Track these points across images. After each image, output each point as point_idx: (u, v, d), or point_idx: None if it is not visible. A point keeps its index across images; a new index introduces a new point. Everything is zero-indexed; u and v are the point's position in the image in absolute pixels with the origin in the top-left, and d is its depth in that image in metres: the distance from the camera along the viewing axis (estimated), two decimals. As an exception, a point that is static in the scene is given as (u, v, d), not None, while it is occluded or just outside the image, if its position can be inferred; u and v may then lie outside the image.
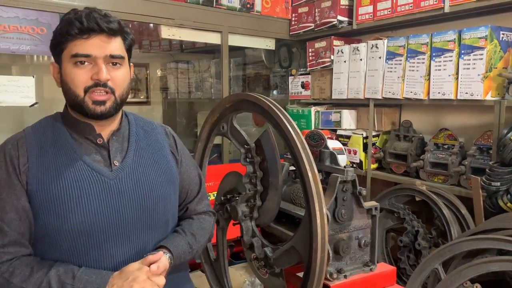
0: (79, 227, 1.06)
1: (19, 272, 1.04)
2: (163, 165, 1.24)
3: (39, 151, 1.09)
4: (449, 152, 3.05)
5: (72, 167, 1.09)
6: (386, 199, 3.27)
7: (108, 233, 1.09)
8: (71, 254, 1.08)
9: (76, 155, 1.10)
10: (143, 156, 1.20)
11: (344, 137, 3.71)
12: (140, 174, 1.16)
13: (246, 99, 1.57)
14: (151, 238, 1.17)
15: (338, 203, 1.40)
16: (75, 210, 1.06)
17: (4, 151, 1.10)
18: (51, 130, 1.14)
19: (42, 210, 1.06)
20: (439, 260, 2.20)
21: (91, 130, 1.14)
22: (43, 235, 1.08)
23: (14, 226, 1.06)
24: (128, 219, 1.12)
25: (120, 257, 1.11)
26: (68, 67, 1.09)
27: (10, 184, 1.07)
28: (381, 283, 1.46)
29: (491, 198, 2.58)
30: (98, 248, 1.09)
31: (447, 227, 2.81)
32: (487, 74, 2.69)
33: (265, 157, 1.56)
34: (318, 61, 3.90)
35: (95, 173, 1.10)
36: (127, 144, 1.19)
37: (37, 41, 2.87)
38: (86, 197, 1.07)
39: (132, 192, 1.13)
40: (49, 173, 1.07)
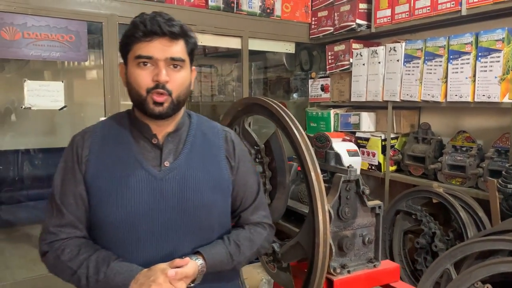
0: (119, 221, 1.12)
1: (68, 251, 1.12)
2: (214, 171, 1.23)
3: (101, 145, 1.17)
4: (467, 155, 3.05)
5: (125, 163, 1.15)
6: (403, 201, 3.28)
7: (146, 231, 1.13)
8: (112, 245, 1.14)
9: (131, 152, 1.16)
10: (195, 159, 1.21)
11: (363, 139, 3.74)
12: (188, 177, 1.18)
13: (256, 102, 1.66)
14: (189, 242, 1.18)
15: (341, 201, 1.46)
16: (118, 205, 1.12)
17: (73, 141, 1.20)
18: (117, 126, 1.21)
19: (92, 201, 1.15)
20: (450, 261, 2.22)
21: (147, 129, 1.18)
22: (93, 223, 1.17)
23: (71, 209, 1.15)
24: (168, 220, 1.14)
25: (155, 256, 1.14)
26: (132, 68, 1.14)
27: (72, 171, 1.16)
28: (384, 279, 1.51)
29: (507, 200, 2.57)
30: (136, 243, 1.13)
31: (463, 229, 2.82)
32: (504, 77, 2.69)
33: (274, 158, 1.64)
34: (337, 64, 3.95)
35: (144, 172, 1.15)
36: (182, 146, 1.21)
37: (66, 48, 3.04)
38: (131, 193, 1.12)
39: (176, 194, 1.15)
40: (103, 167, 1.14)
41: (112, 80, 3.23)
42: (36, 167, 4.82)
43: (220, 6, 3.62)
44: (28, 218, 4.68)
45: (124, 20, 3.23)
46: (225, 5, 3.64)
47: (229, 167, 1.27)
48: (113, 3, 3.17)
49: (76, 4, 3.04)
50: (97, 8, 3.12)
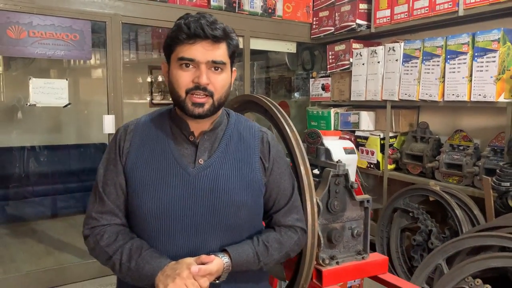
0: (151, 213, 1.16)
1: (106, 236, 1.18)
2: (247, 171, 1.24)
3: (141, 139, 1.22)
4: (464, 153, 3.09)
5: (162, 157, 1.19)
6: (401, 199, 3.33)
7: (176, 224, 1.17)
8: (144, 234, 1.20)
9: (168, 147, 1.20)
10: (229, 159, 1.23)
11: (362, 138, 3.79)
12: (220, 176, 1.20)
13: (251, 100, 1.71)
14: (218, 240, 1.20)
15: (331, 195, 1.52)
16: (151, 196, 1.16)
17: (117, 133, 1.26)
18: (158, 122, 1.25)
19: (130, 190, 1.20)
20: (443, 256, 2.26)
21: (186, 127, 1.22)
22: (129, 213, 1.23)
23: (111, 198, 1.20)
24: (198, 217, 1.17)
25: (185, 249, 1.17)
26: (174, 69, 1.17)
27: (114, 162, 1.21)
28: (372, 271, 1.56)
29: (501, 198, 2.61)
30: (166, 235, 1.17)
31: (459, 227, 2.86)
32: (500, 76, 2.73)
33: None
34: (338, 63, 4.00)
35: (179, 167, 1.18)
36: (217, 145, 1.23)
37: (71, 46, 3.11)
38: (165, 187, 1.16)
39: (207, 191, 1.18)
40: (142, 159, 1.19)
41: (115, 79, 3.29)
42: (42, 164, 4.91)
43: (222, 6, 3.69)
44: (33, 214, 4.78)
45: (127, 20, 3.31)
46: (227, 5, 3.70)
47: (263, 168, 1.28)
48: (117, 2, 3.24)
49: (81, 3, 3.11)
50: (101, 7, 3.19)
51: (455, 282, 2.09)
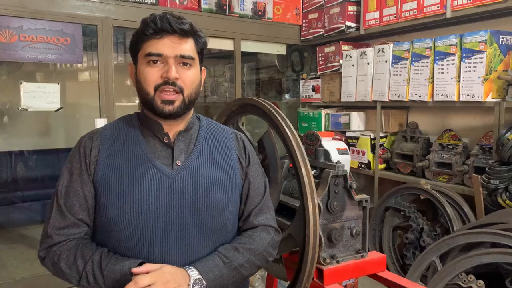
0: (132, 220, 1.09)
1: (64, 256, 1.10)
2: (226, 170, 1.22)
3: (111, 145, 1.15)
4: (453, 152, 3.15)
5: (136, 162, 1.13)
6: (392, 198, 3.38)
7: (159, 230, 1.11)
8: (123, 245, 1.12)
9: (142, 151, 1.15)
10: (207, 159, 1.20)
11: (353, 138, 3.83)
12: (200, 177, 1.16)
13: (249, 103, 1.73)
14: (204, 242, 1.16)
15: (330, 195, 1.55)
16: (131, 203, 1.10)
17: (80, 142, 1.18)
18: (126, 126, 1.20)
19: (103, 200, 1.12)
20: (436, 253, 2.31)
21: (159, 128, 1.17)
22: (103, 224, 1.13)
23: (73, 211, 1.13)
24: (182, 220, 1.12)
25: (169, 256, 1.12)
26: (142, 66, 1.13)
27: (79, 172, 1.14)
28: (371, 269, 1.60)
29: (491, 195, 2.67)
30: (148, 243, 1.11)
31: (450, 224, 2.92)
32: (487, 77, 2.79)
33: (267, 155, 1.71)
34: (327, 65, 4.04)
35: (156, 170, 1.13)
36: (193, 146, 1.20)
37: (62, 50, 3.09)
38: (143, 191, 1.10)
39: (189, 193, 1.14)
40: (114, 165, 1.13)
41: (107, 82, 3.28)
42: (31, 169, 4.85)
43: (213, 9, 3.70)
44: (22, 219, 4.71)
45: (118, 23, 3.30)
46: (217, 8, 3.72)
47: (240, 167, 1.26)
48: (108, 6, 3.23)
49: (71, 7, 3.09)
50: (91, 11, 3.18)
51: (449, 279, 2.14)
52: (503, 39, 2.81)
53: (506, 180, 2.58)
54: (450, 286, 2.15)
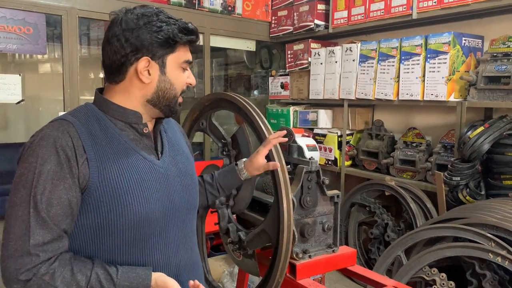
0: (143, 215, 1.08)
1: (59, 274, 0.99)
2: (188, 153, 1.30)
3: (93, 141, 1.07)
4: (416, 150, 3.25)
5: (128, 158, 1.10)
6: (358, 194, 3.46)
7: (163, 219, 1.13)
8: (130, 244, 1.08)
9: (128, 145, 1.12)
10: (174, 145, 1.25)
11: (320, 135, 3.89)
12: (178, 163, 1.22)
13: (223, 98, 1.72)
14: (190, 224, 1.24)
15: (303, 191, 1.56)
16: (139, 199, 1.08)
17: (53, 140, 1.03)
18: (95, 119, 1.11)
19: (106, 202, 1.05)
20: (401, 248, 2.39)
21: (139, 119, 1.15)
22: (103, 227, 1.06)
23: (58, 221, 1.01)
24: (177, 205, 1.17)
25: (171, 243, 1.16)
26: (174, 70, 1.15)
27: (60, 177, 1.01)
28: (342, 263, 1.63)
29: (453, 192, 2.78)
30: (155, 235, 1.12)
31: (413, 220, 3.01)
32: (450, 77, 2.90)
33: (240, 151, 1.71)
34: (296, 62, 4.07)
35: (148, 163, 1.13)
36: (161, 134, 1.24)
37: (24, 40, 2.97)
38: (146, 186, 1.10)
39: (177, 179, 1.19)
40: (108, 164, 1.06)
41: (72, 74, 3.18)
42: (-13, 163, 4.64)
43: (182, 2, 3.65)
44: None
45: (84, 14, 3.20)
46: (186, 1, 3.67)
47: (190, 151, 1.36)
48: (73, -4, 3.13)
49: (35, -5, 2.98)
50: (56, 0, 3.07)
51: (413, 272, 2.21)
52: (466, 41, 2.93)
53: (467, 177, 2.69)
54: (415, 279, 2.22)
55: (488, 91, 2.71)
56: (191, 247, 1.23)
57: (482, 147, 2.56)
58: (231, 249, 1.75)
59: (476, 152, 2.58)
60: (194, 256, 1.25)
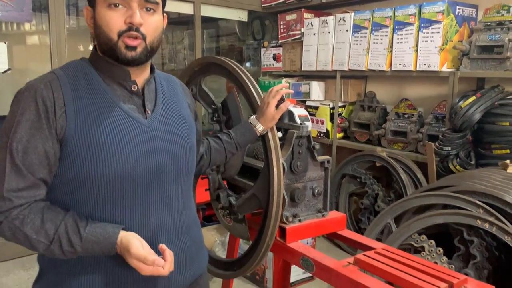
0: (120, 173, 1.05)
1: (29, 220, 1.01)
2: (186, 116, 1.24)
3: (74, 94, 1.05)
4: (408, 121, 3.26)
5: (110, 113, 1.07)
6: (349, 165, 3.47)
7: (144, 180, 1.09)
8: (107, 200, 1.06)
9: (112, 101, 1.08)
10: (169, 106, 1.19)
11: (313, 107, 3.87)
12: (170, 124, 1.17)
13: (213, 62, 1.69)
14: (179, 189, 1.19)
15: (294, 156, 1.56)
16: (116, 156, 1.05)
17: (35, 92, 1.03)
18: (83, 74, 1.10)
19: (81, 155, 1.03)
20: (391, 216, 2.41)
21: (126, 75, 1.11)
22: (79, 181, 1.05)
23: (33, 169, 1.02)
24: (162, 167, 1.12)
25: (153, 204, 1.11)
26: (102, 10, 1.06)
27: (38, 126, 1.02)
28: (332, 227, 1.64)
29: (443, 162, 2.80)
30: (133, 194, 1.08)
31: (404, 190, 3.04)
32: (444, 47, 2.88)
33: (231, 116, 1.69)
34: (289, 33, 4.02)
35: (132, 120, 1.09)
36: (155, 94, 1.18)
37: (8, 7, 2.89)
38: (126, 143, 1.07)
39: (165, 140, 1.14)
40: (87, 117, 1.05)
41: (60, 46, 3.12)
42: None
43: (172, -30, 3.56)
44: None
45: (71, -20, 3.12)
46: (177, -31, 3.59)
47: (192, 114, 1.29)
48: (59, -39, 3.04)
49: (19, -40, 2.88)
50: (42, -34, 2.98)
51: (402, 239, 2.24)
52: (460, 10, 2.89)
53: (458, 146, 2.70)
54: (404, 246, 2.25)
55: (481, 61, 2.70)
56: (179, 210, 1.18)
57: (474, 116, 2.57)
58: (221, 214, 1.75)
59: (467, 121, 2.58)
60: (185, 220, 1.21)
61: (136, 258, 1.01)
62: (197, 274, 1.25)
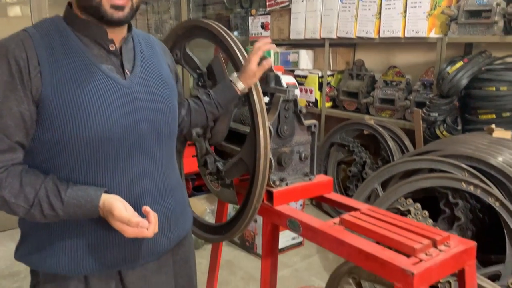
0: (100, 135, 1.02)
1: (7, 184, 0.99)
2: (166, 77, 1.20)
3: (49, 54, 1.00)
4: (396, 88, 3.26)
5: (88, 73, 1.03)
6: (338, 134, 3.48)
7: (125, 142, 1.06)
8: (88, 163, 1.04)
9: (89, 60, 1.04)
10: (149, 67, 1.15)
11: (301, 76, 3.85)
12: (150, 85, 1.13)
13: (197, 25, 1.66)
14: (162, 151, 1.16)
15: (280, 120, 1.55)
16: (96, 117, 1.01)
17: (6, 50, 0.98)
18: (57, 32, 1.04)
19: (59, 116, 1.00)
20: (378, 181, 2.44)
21: (103, 34, 1.06)
22: (59, 144, 1.02)
23: (9, 132, 0.99)
24: (143, 129, 1.09)
25: (135, 167, 1.09)
26: None
27: (12, 88, 0.98)
28: (318, 191, 1.65)
29: (430, 128, 2.82)
30: (115, 156, 1.06)
31: (391, 157, 3.07)
32: (432, 12, 2.86)
33: (216, 81, 1.67)
34: (277, 0, 3.95)
35: (111, 80, 1.05)
36: (133, 54, 1.14)
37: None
38: (105, 104, 1.03)
39: (146, 102, 1.10)
40: (64, 77, 1.00)
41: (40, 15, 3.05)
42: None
43: None
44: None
45: None
46: None
47: (172, 74, 1.26)
48: None
49: None
50: None
51: (389, 203, 2.27)
52: (448, -26, 2.86)
53: (445, 112, 2.72)
54: (390, 210, 2.28)
55: (468, 26, 2.68)
56: (162, 173, 1.17)
57: (461, 82, 2.57)
58: (209, 180, 1.76)
59: (455, 87, 2.59)
60: (168, 182, 1.20)
61: (119, 221, 1.00)
62: (181, 235, 1.25)
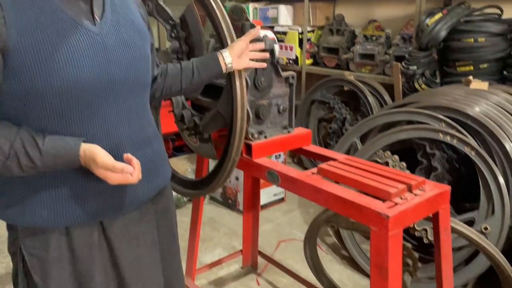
0: (72, 84, 0.98)
1: None
2: (138, 25, 1.16)
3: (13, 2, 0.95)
4: (376, 43, 3.23)
5: (56, 20, 0.98)
6: (318, 91, 3.47)
7: (98, 91, 1.03)
8: (61, 114, 1.00)
9: (56, 6, 0.99)
10: (119, 13, 1.11)
11: (281, 33, 3.78)
12: (122, 33, 1.09)
13: (169, -25, 1.60)
14: (136, 102, 1.13)
15: (257, 71, 1.52)
16: (67, 66, 0.97)
17: None
18: None
19: (28, 67, 0.96)
20: (357, 135, 2.45)
21: None
22: (30, 95, 0.98)
23: None
24: (116, 78, 1.06)
25: (110, 117, 1.06)
26: None
27: None
28: (297, 143, 1.65)
29: (409, 81, 2.82)
30: (88, 106, 1.02)
31: (371, 113, 3.08)
32: (412, -37, 2.80)
33: (190, 32, 1.63)
34: (254, -46, 3.83)
35: (80, 27, 1.01)
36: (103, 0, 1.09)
37: None
38: (76, 51, 0.99)
39: (118, 50, 1.07)
40: (30, 25, 0.95)
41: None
42: None
43: None
44: None
45: None
46: None
47: (144, 24, 1.21)
48: None
49: None
50: None
51: (367, 156, 2.29)
52: None
53: (423, 65, 2.72)
54: (369, 162, 2.31)
55: (448, -24, 2.65)
56: (138, 123, 1.15)
57: (440, 33, 2.56)
58: (187, 135, 1.74)
59: (434, 39, 2.58)
60: (145, 132, 1.18)
61: (103, 167, 0.99)
62: (162, 184, 1.25)
